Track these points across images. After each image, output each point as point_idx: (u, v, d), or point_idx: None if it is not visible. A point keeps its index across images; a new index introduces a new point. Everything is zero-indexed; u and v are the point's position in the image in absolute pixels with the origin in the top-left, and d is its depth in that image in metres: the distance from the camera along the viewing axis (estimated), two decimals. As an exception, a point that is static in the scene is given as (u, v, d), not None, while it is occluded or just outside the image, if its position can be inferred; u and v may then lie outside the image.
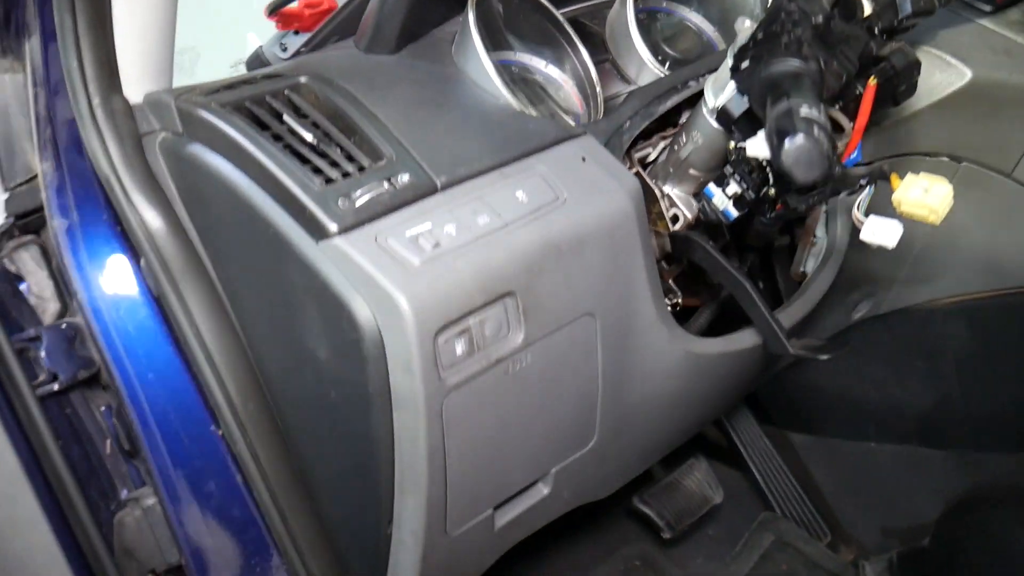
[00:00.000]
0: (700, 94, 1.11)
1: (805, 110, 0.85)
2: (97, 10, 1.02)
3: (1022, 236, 1.36)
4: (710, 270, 1.17)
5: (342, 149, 0.96)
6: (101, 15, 1.03)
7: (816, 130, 0.84)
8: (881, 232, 0.97)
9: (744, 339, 1.19)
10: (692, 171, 1.17)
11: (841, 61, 0.93)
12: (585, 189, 1.01)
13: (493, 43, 1.16)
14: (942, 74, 1.23)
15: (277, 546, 1.11)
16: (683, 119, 1.22)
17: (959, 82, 1.22)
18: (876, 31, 0.99)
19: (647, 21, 1.35)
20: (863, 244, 1.38)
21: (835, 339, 1.56)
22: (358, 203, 0.91)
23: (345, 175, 0.93)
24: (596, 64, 1.21)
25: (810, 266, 1.37)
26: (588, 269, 1.00)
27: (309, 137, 0.96)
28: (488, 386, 0.96)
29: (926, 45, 1.24)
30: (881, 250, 1.01)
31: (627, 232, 1.03)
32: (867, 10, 0.99)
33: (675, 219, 1.19)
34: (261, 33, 1.51)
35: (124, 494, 1.12)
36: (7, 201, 1.17)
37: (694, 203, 1.21)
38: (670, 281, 1.29)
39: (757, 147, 0.99)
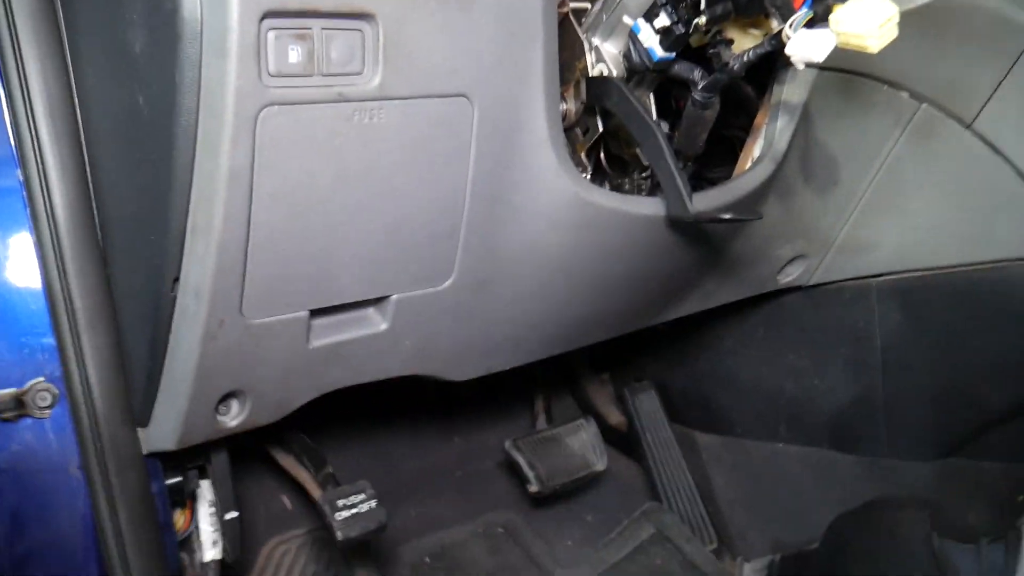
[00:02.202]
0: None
1: None
2: None
3: (973, 203, 1.24)
4: (624, 117, 1.02)
5: None
6: None
7: None
8: (810, 44, 0.84)
9: (646, 204, 1.04)
10: (626, 19, 1.04)
11: None
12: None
13: None
14: (915, -20, 1.12)
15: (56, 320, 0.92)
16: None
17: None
18: None
19: None
20: (801, 183, 1.27)
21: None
22: None
23: None
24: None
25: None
26: (474, 32, 0.86)
27: None
28: (323, 125, 0.80)
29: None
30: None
31: (529, 14, 0.89)
32: None
33: (599, 76, 1.06)
34: None
35: None
36: None
37: (623, 63, 1.08)
38: (582, 154, 1.15)
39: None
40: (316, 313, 0.92)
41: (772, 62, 1.19)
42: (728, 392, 1.66)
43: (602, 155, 1.22)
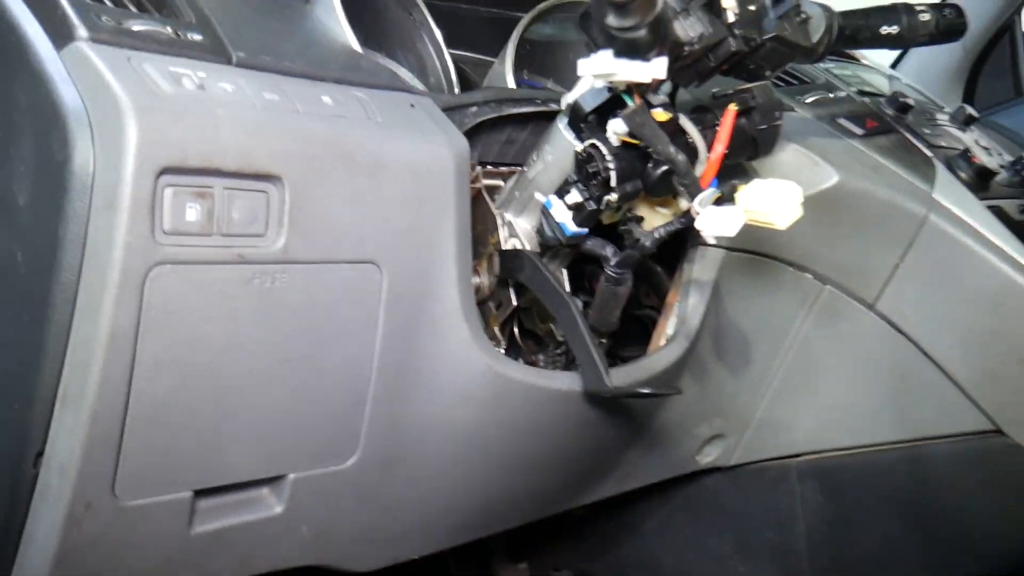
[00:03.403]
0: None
1: None
2: None
3: (882, 383, 1.26)
4: (538, 290, 1.01)
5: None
6: None
7: None
8: (719, 220, 0.85)
9: (561, 379, 1.01)
10: (539, 195, 1.06)
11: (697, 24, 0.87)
12: (405, 125, 0.89)
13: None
14: (809, 172, 1.19)
15: None
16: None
17: (827, 182, 1.17)
18: (737, 35, 0.95)
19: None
20: (715, 361, 1.27)
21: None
22: (126, 26, 0.76)
23: (120, 5, 0.80)
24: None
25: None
26: (384, 200, 0.84)
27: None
28: (220, 287, 0.76)
29: (796, 144, 1.21)
30: (725, 368, 0.88)
31: (441, 186, 0.89)
32: (730, 17, 0.95)
33: (512, 252, 1.06)
34: None
35: None
36: None
37: (536, 238, 1.09)
38: (495, 329, 1.12)
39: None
40: (201, 494, 0.83)
41: (682, 242, 1.22)
42: (651, 579, 1.57)
43: (515, 330, 1.20)
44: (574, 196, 1.00)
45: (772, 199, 0.84)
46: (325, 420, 0.88)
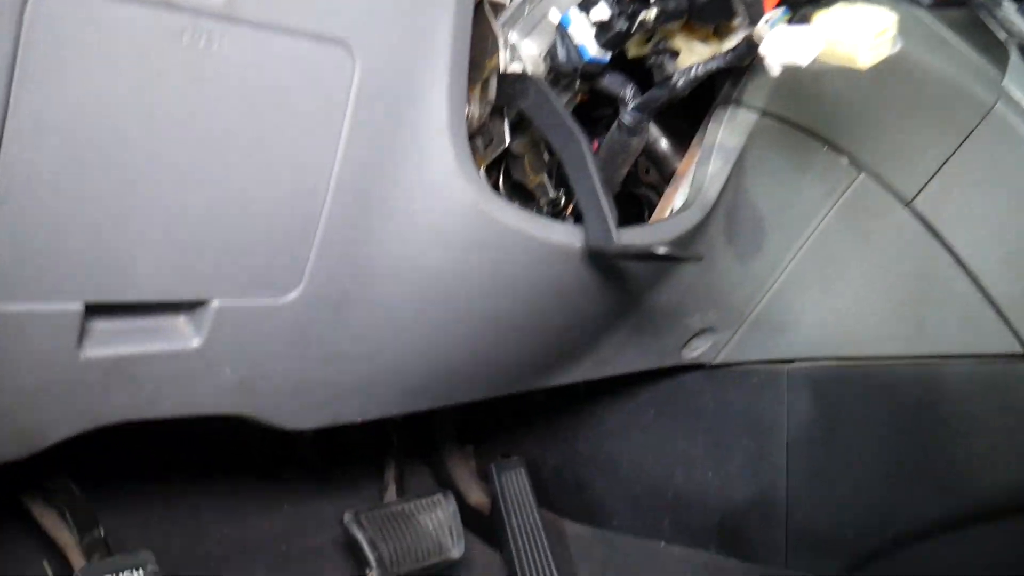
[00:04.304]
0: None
1: None
2: None
3: (903, 290, 1.11)
4: (541, 122, 0.83)
5: None
6: None
7: None
8: (791, 43, 0.67)
9: (560, 230, 0.84)
10: (554, 12, 0.86)
11: None
12: None
13: None
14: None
15: None
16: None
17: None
18: None
19: None
20: (723, 243, 1.11)
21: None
22: None
23: None
24: None
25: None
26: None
27: None
28: (136, 37, 0.56)
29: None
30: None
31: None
32: None
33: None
34: None
35: None
36: None
37: (543, 65, 0.90)
38: (481, 171, 0.94)
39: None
40: (95, 311, 0.66)
41: (709, 98, 1.04)
42: (607, 478, 1.46)
43: (500, 181, 1.03)
44: (601, 10, 0.81)
45: (857, 27, 0.66)
46: (263, 238, 0.70)
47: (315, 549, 1.37)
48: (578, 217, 0.89)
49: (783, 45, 0.67)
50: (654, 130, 1.13)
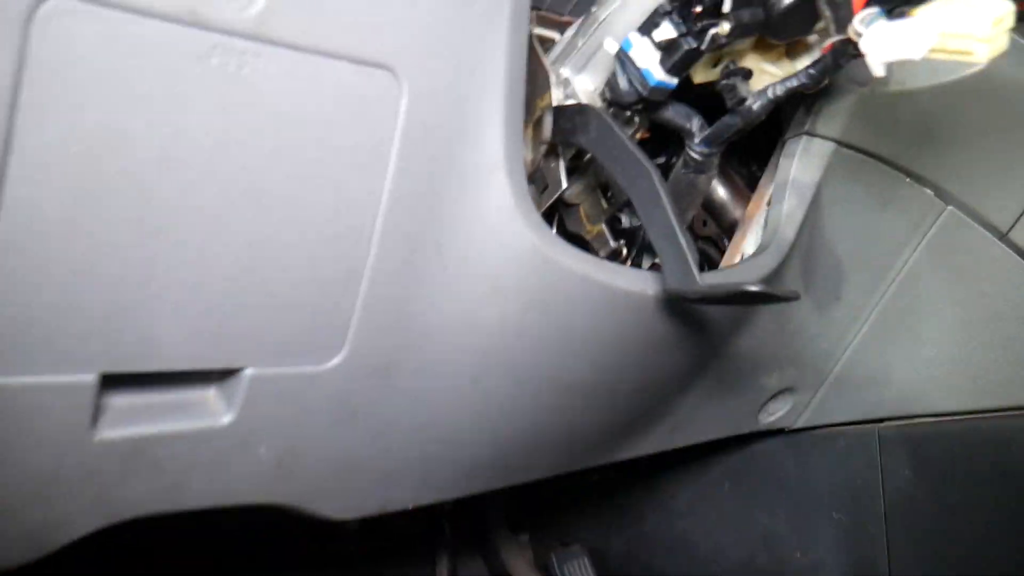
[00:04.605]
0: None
1: None
2: None
3: (1005, 332, 1.00)
4: (606, 155, 0.74)
5: None
6: None
7: None
8: (897, 38, 0.58)
9: (632, 276, 0.75)
10: (610, 42, 0.79)
11: None
12: None
13: None
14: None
15: None
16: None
17: (969, 67, 0.91)
18: None
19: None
20: (800, 291, 1.01)
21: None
22: None
23: None
24: None
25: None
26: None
27: None
28: (158, 58, 0.49)
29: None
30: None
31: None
32: None
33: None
34: None
35: None
36: None
37: (602, 96, 0.83)
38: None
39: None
40: (112, 383, 0.57)
41: (776, 131, 0.96)
42: (680, 563, 1.32)
43: (554, 230, 0.94)
44: (666, 30, 0.73)
45: (973, 16, 0.57)
46: (301, 296, 0.61)
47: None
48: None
49: (887, 41, 0.58)
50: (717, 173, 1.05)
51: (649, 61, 0.74)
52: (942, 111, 0.92)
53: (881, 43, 0.59)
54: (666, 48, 0.73)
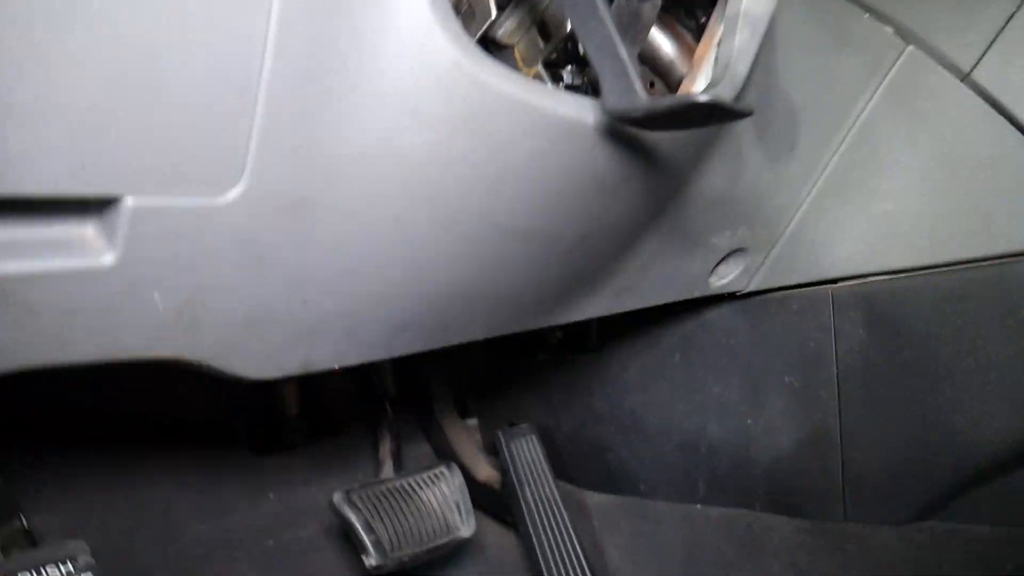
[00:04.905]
0: None
1: None
2: None
3: (967, 181, 0.95)
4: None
5: None
6: None
7: None
8: None
9: (566, 99, 0.67)
10: None
11: None
12: None
13: None
14: None
15: None
16: None
17: None
18: None
19: None
20: (752, 144, 0.95)
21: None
22: None
23: None
24: None
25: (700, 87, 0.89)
26: None
27: None
28: None
29: None
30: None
31: None
32: None
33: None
34: None
35: None
36: None
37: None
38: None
39: None
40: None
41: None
42: (631, 439, 1.30)
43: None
44: None
45: None
46: (185, 112, 0.53)
47: (306, 540, 1.21)
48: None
49: None
50: (655, 33, 0.97)
51: None
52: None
53: None
54: None
